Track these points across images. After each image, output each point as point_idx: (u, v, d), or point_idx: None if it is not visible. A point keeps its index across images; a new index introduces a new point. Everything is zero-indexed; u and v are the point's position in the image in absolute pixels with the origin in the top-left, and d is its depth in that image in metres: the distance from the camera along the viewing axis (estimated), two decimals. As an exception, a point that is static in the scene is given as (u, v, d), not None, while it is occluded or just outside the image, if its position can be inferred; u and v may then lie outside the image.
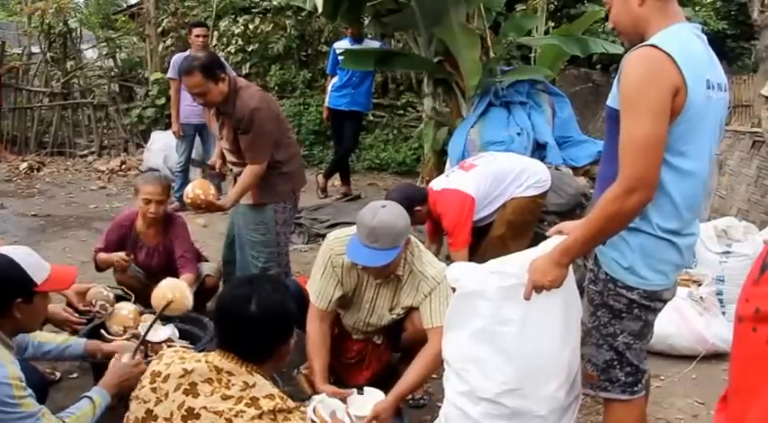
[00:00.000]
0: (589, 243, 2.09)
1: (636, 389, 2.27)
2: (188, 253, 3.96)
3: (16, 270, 2.28)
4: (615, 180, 1.97)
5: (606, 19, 7.72)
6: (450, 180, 4.27)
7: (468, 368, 2.46)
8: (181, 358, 1.89)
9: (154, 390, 1.84)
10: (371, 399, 2.80)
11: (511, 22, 6.61)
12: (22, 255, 2.35)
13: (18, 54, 10.51)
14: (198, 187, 3.67)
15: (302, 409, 1.84)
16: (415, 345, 3.00)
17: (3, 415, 2.15)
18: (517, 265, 2.31)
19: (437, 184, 4.32)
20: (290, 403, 1.83)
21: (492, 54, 5.97)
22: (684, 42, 1.97)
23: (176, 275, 3.72)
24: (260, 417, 1.73)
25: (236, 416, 1.73)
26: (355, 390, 2.82)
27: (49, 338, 2.83)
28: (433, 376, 3.29)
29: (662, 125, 1.91)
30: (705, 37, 2.08)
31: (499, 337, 2.37)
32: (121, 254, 3.88)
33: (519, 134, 5.38)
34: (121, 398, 2.45)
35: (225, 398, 1.77)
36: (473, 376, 2.44)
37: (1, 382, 2.14)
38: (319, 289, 3.04)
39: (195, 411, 1.75)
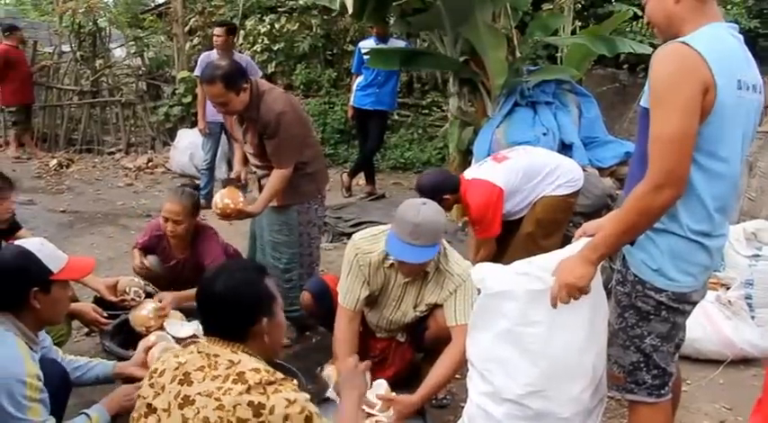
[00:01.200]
0: (619, 239, 2.07)
1: (662, 392, 2.24)
2: (219, 261, 3.79)
3: (30, 259, 2.30)
4: (637, 175, 1.96)
5: (634, 18, 7.71)
6: (481, 170, 4.23)
7: (492, 369, 2.45)
8: (175, 354, 1.95)
9: (152, 385, 1.88)
10: (377, 389, 2.86)
11: (537, 21, 6.57)
12: (36, 245, 2.37)
13: (49, 53, 10.67)
14: (227, 196, 3.63)
15: (294, 382, 1.85)
16: (438, 343, 3.00)
17: (7, 417, 2.13)
18: (543, 266, 2.29)
19: (469, 173, 4.30)
20: (279, 375, 1.83)
21: (518, 54, 5.94)
22: (717, 41, 1.94)
23: None
24: (248, 391, 1.74)
25: (224, 394, 1.74)
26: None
27: (77, 358, 2.82)
28: (457, 376, 3.28)
29: (692, 121, 1.90)
30: (742, 37, 2.05)
31: (524, 338, 2.36)
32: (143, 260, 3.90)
33: (545, 134, 5.34)
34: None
35: (214, 378, 1.79)
36: (497, 377, 2.43)
37: (17, 379, 2.14)
38: (347, 289, 3.05)
39: (191, 398, 1.77)
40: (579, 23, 7.61)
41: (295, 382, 1.86)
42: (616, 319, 2.24)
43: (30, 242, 2.41)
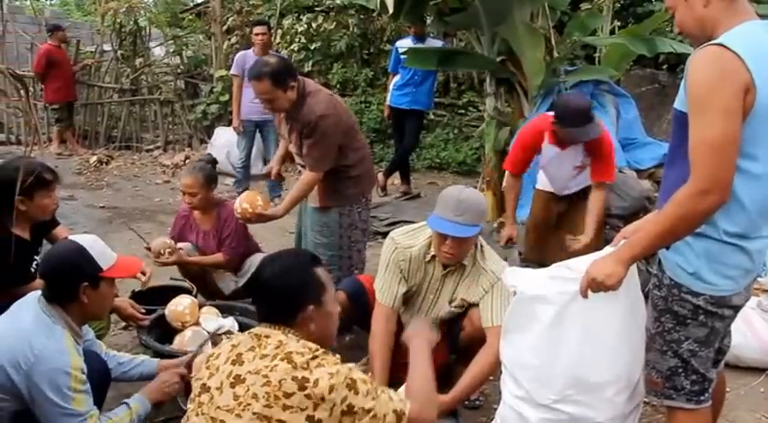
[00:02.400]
0: (656, 244, 2.04)
1: (702, 398, 2.19)
2: (229, 239, 4.06)
3: (83, 255, 2.37)
4: (681, 183, 1.92)
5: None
6: None
7: (526, 373, 2.43)
8: (230, 339, 2.02)
9: (208, 367, 1.94)
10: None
11: (576, 21, 6.50)
12: (89, 241, 2.44)
13: (91, 52, 10.86)
14: (245, 201, 3.69)
15: (337, 356, 1.87)
16: (473, 345, 2.98)
17: (53, 406, 2.20)
18: (578, 270, 2.27)
19: None
20: (321, 351, 1.87)
21: (556, 54, 5.89)
22: (753, 40, 1.89)
23: None
24: (294, 368, 1.79)
25: (271, 370, 1.79)
26: None
27: (121, 354, 2.89)
28: (490, 378, 3.26)
29: (735, 124, 1.86)
30: None
31: (558, 342, 2.33)
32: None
33: (582, 135, 5.28)
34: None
35: (262, 357, 1.84)
36: (530, 381, 2.42)
37: (62, 370, 2.21)
38: (384, 286, 3.05)
39: (242, 377, 1.82)
40: (618, 23, 7.51)
41: (338, 356, 1.88)
42: (653, 324, 2.20)
43: (83, 238, 2.47)
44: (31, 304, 2.35)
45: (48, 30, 9.63)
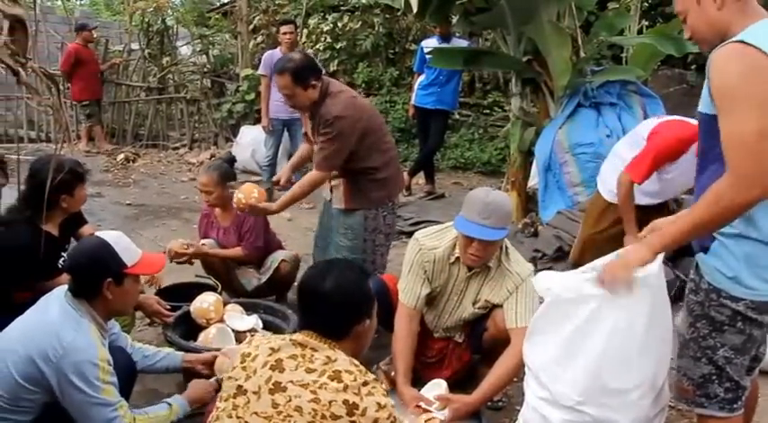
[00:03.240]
0: (688, 234, 2.00)
1: (735, 406, 2.15)
2: (248, 234, 4.10)
3: (108, 251, 2.40)
4: (709, 186, 1.89)
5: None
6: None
7: (550, 374, 2.41)
8: (267, 340, 1.98)
9: (244, 368, 1.91)
10: (435, 388, 2.87)
11: (603, 20, 6.44)
12: (114, 238, 2.47)
13: (119, 51, 10.98)
14: (241, 191, 3.76)
15: (384, 385, 1.88)
16: (496, 346, 2.98)
17: (83, 396, 2.24)
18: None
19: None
20: (371, 376, 1.88)
21: (582, 54, 5.85)
22: None
23: None
24: (344, 390, 1.78)
25: (320, 388, 1.78)
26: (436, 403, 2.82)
27: (147, 346, 2.92)
28: (513, 379, 3.25)
29: None
30: None
31: (583, 344, 2.31)
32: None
33: (608, 136, 5.24)
34: None
35: (309, 371, 1.83)
36: (554, 382, 2.40)
37: (90, 361, 2.25)
38: (407, 286, 3.05)
39: (282, 385, 1.81)
40: (646, 23, 7.44)
41: (384, 385, 1.89)
42: (687, 329, 2.16)
43: (109, 234, 2.50)
44: (58, 298, 2.39)
45: (75, 29, 9.75)
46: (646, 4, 7.84)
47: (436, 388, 2.87)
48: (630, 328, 2.24)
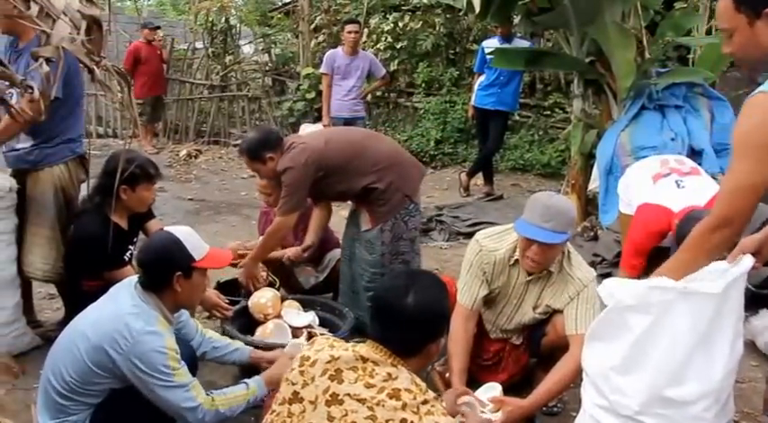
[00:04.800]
0: None
1: None
2: (304, 233, 4.09)
3: (178, 245, 2.47)
4: None
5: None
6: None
7: (609, 381, 2.37)
8: (330, 346, 1.93)
9: (302, 373, 1.88)
10: (489, 391, 2.84)
11: (669, 20, 6.28)
12: (184, 233, 2.54)
13: (184, 49, 11.22)
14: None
15: (441, 399, 1.84)
16: (554, 351, 2.94)
17: (157, 381, 2.33)
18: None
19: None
20: (431, 394, 1.83)
21: (647, 55, 5.72)
22: None
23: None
24: (403, 408, 1.73)
25: (377, 404, 1.74)
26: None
27: (218, 337, 2.99)
28: (570, 385, 3.20)
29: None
30: None
31: (646, 353, 2.26)
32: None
33: (673, 139, 5.11)
34: None
35: (368, 386, 1.78)
36: (613, 391, 2.35)
37: (158, 350, 2.33)
38: (465, 287, 3.04)
39: (339, 397, 1.78)
40: (715, 23, 7.22)
41: (444, 403, 1.86)
42: None
43: (179, 230, 2.58)
44: (128, 289, 2.47)
45: (141, 28, 10.01)
46: (715, 4, 7.61)
47: (491, 391, 2.85)
48: (698, 341, 2.18)
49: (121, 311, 2.38)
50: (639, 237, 3.63)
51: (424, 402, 1.78)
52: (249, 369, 2.93)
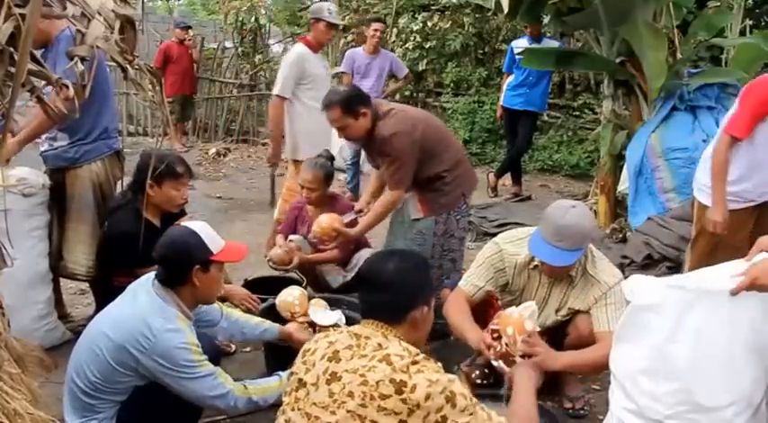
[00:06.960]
0: None
1: None
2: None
3: (196, 239, 2.49)
4: None
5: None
6: None
7: (637, 385, 2.35)
8: (326, 334, 2.02)
9: (304, 362, 1.96)
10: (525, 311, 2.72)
11: (701, 20, 6.19)
12: (200, 227, 2.56)
13: (214, 48, 11.32)
14: (319, 224, 3.81)
15: (438, 364, 1.86)
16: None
17: (184, 374, 2.36)
18: (697, 280, 2.20)
19: None
20: (422, 356, 1.86)
21: (679, 55, 5.66)
22: None
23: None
24: (393, 371, 1.77)
25: (368, 370, 1.79)
26: None
27: (245, 318, 3.04)
28: (596, 387, 3.17)
29: None
30: None
31: (674, 356, 2.24)
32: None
33: (705, 141, 5.03)
34: None
35: (361, 357, 1.85)
36: (642, 395, 2.33)
37: (180, 347, 2.36)
38: (470, 276, 3.07)
39: (338, 374, 1.83)
40: (750, 22, 7.11)
41: (439, 364, 1.87)
42: None
43: (194, 224, 2.60)
44: (145, 287, 2.50)
45: (174, 27, 10.12)
46: (750, 2, 7.50)
47: (526, 310, 2.71)
48: (726, 343, 2.16)
49: (141, 310, 2.40)
50: (764, 93, 3.33)
51: (414, 363, 1.81)
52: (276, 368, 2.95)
